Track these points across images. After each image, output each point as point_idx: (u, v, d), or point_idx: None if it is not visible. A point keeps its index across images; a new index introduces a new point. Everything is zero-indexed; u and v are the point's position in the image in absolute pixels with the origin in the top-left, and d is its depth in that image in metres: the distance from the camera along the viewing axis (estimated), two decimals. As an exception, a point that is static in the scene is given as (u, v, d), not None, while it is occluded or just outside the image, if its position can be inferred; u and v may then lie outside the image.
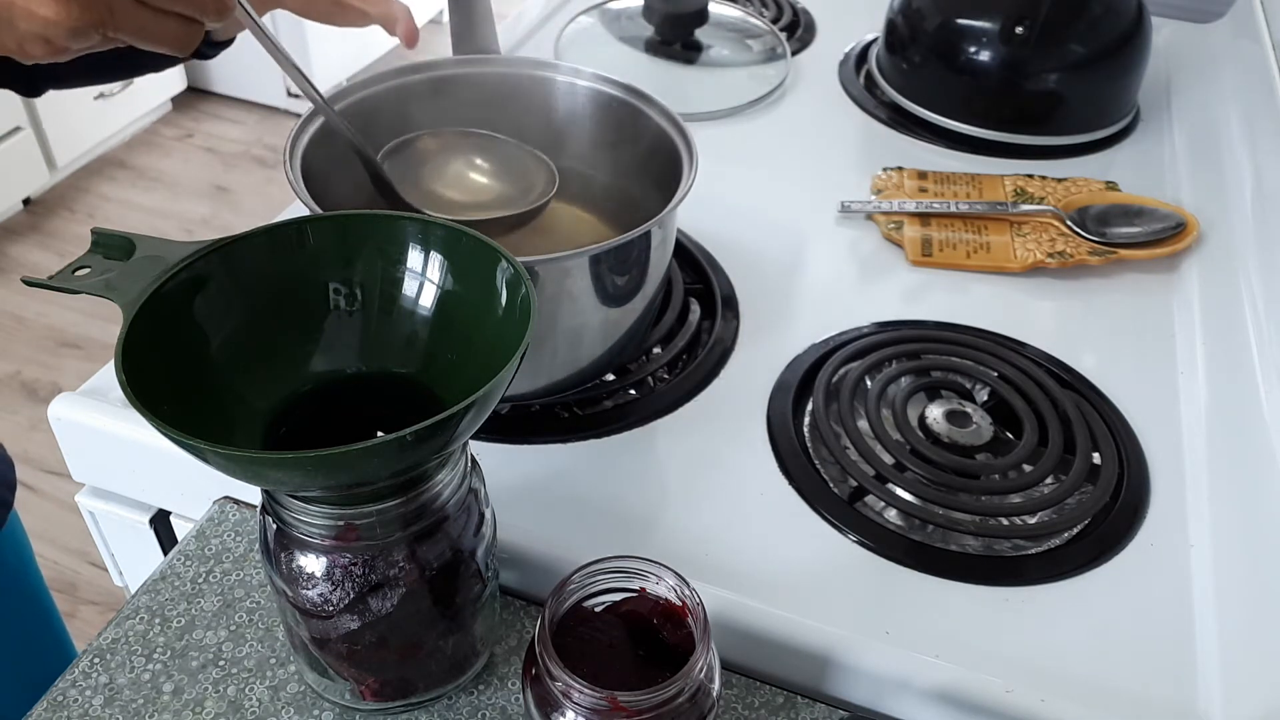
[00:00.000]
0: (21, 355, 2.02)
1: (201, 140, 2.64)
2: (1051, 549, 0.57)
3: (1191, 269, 0.77)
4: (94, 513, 0.68)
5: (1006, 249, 0.78)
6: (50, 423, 0.63)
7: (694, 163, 0.61)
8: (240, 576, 0.55)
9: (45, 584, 0.80)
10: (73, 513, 0.71)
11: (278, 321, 0.45)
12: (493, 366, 0.38)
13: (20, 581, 0.76)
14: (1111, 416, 0.65)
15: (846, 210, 0.81)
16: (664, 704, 0.39)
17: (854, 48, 1.05)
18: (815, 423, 0.62)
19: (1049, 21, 0.87)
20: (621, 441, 0.61)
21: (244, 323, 0.44)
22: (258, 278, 0.44)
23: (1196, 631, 0.53)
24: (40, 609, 0.79)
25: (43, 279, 0.42)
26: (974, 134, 0.90)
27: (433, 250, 0.45)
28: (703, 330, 0.69)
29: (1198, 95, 0.98)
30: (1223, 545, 0.56)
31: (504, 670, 0.51)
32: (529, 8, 1.07)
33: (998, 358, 0.67)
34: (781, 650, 0.51)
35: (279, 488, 0.41)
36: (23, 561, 0.76)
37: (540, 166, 0.66)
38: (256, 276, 0.44)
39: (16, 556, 0.75)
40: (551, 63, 0.69)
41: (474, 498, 0.45)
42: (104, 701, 0.49)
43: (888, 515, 0.58)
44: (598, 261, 0.57)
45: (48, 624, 0.80)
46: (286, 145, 0.60)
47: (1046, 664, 0.51)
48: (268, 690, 0.50)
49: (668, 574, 0.42)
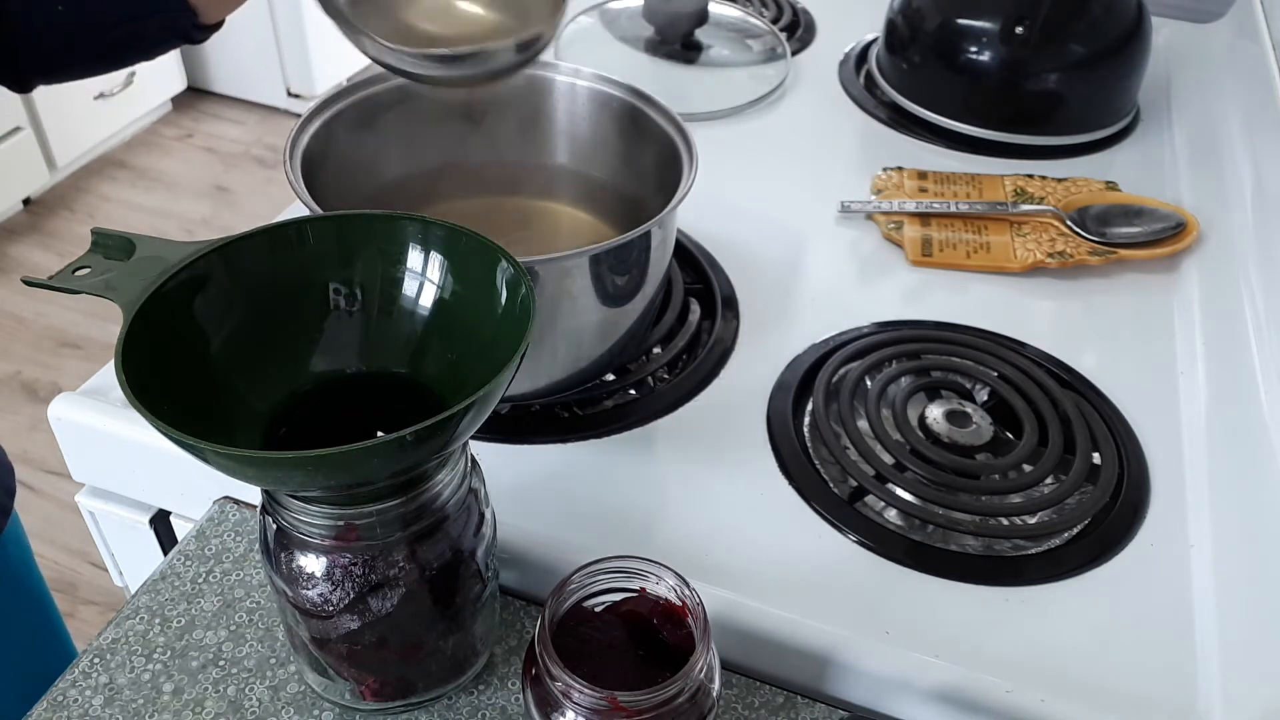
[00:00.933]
0: (21, 355, 2.02)
1: (201, 140, 2.64)
2: (1051, 549, 0.57)
3: (1191, 269, 0.77)
4: (94, 513, 0.68)
5: (1006, 249, 0.78)
6: (50, 423, 0.63)
7: (694, 163, 0.61)
8: (240, 576, 0.55)
9: (46, 586, 0.80)
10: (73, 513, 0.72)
11: (278, 321, 0.45)
12: (493, 366, 0.38)
13: (22, 584, 0.76)
14: (1111, 416, 0.65)
15: (846, 210, 0.81)
16: (664, 704, 0.39)
17: (854, 48, 1.05)
18: (815, 423, 0.62)
19: (1049, 21, 0.87)
20: (621, 441, 0.61)
21: (244, 323, 0.44)
22: (258, 278, 0.44)
23: (1196, 631, 0.53)
24: (42, 611, 0.79)
25: (43, 279, 0.42)
26: (974, 134, 0.90)
27: (432, 250, 0.45)
28: (703, 330, 0.69)
29: (1198, 95, 0.98)
30: (1223, 545, 0.56)
31: (504, 670, 0.51)
32: (529, 8, 1.07)
33: (998, 358, 0.67)
34: (781, 650, 0.51)
35: (279, 488, 0.41)
36: (25, 563, 0.76)
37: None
38: (256, 276, 0.44)
39: (19, 559, 0.75)
40: (551, 63, 0.69)
41: (474, 498, 0.45)
42: (104, 701, 0.49)
43: (888, 515, 0.58)
44: (598, 261, 0.57)
45: (49, 626, 0.80)
46: (286, 145, 0.60)
47: (1046, 664, 0.51)
48: (268, 690, 0.50)
49: (668, 574, 0.42)
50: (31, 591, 0.78)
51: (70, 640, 0.83)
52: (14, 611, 0.76)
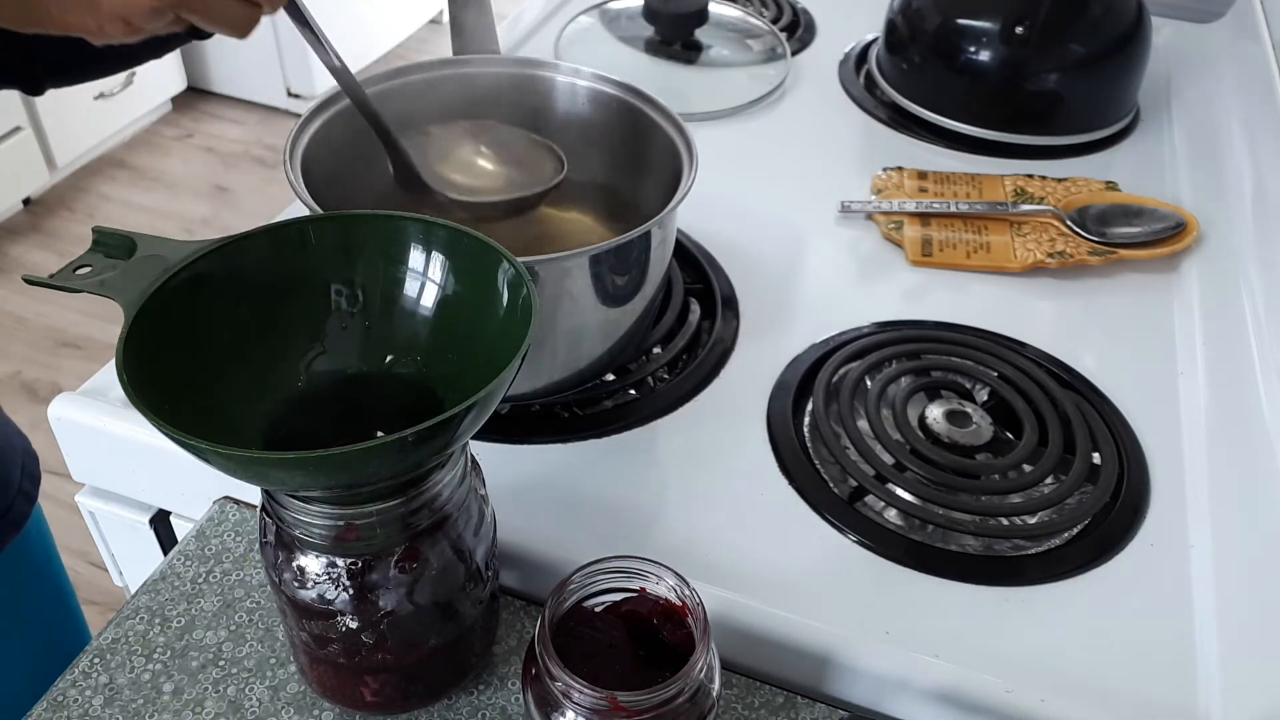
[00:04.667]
0: (21, 355, 2.02)
1: (201, 140, 2.63)
2: (1051, 549, 0.57)
3: (1191, 269, 0.77)
4: (94, 513, 0.68)
5: (1006, 249, 0.78)
6: (50, 423, 0.63)
7: (694, 163, 0.61)
8: (240, 576, 0.55)
9: (69, 580, 0.80)
10: (73, 513, 0.72)
11: (278, 321, 0.45)
12: (494, 367, 0.38)
13: (45, 578, 0.76)
14: (1111, 416, 0.65)
15: (846, 210, 0.81)
16: (664, 704, 0.39)
17: (854, 48, 1.05)
18: (815, 423, 0.62)
19: (1049, 21, 0.87)
20: (621, 441, 0.61)
21: (245, 322, 0.44)
22: (258, 278, 0.44)
23: (1196, 631, 0.53)
24: (63, 605, 0.79)
25: (44, 278, 0.42)
26: (974, 134, 0.90)
27: (434, 251, 0.45)
28: (703, 330, 0.69)
29: (1198, 95, 0.98)
30: (1223, 545, 0.56)
31: (504, 670, 0.51)
32: (529, 8, 1.07)
33: (998, 358, 0.67)
34: (781, 650, 0.51)
35: (279, 488, 0.41)
36: (48, 557, 0.77)
37: (546, 152, 0.67)
38: (257, 276, 0.44)
39: (42, 552, 0.75)
40: (551, 63, 0.70)
41: (474, 498, 0.45)
42: (104, 701, 0.49)
43: (888, 515, 0.58)
44: (598, 261, 0.57)
45: (70, 619, 0.80)
46: (286, 145, 0.60)
47: (1046, 664, 0.51)
48: (268, 690, 0.50)
49: (668, 574, 0.42)
50: (55, 587, 0.78)
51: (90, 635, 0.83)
52: (38, 606, 0.76)
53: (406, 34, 2.96)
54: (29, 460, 0.72)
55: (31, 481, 0.72)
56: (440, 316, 0.45)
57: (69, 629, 0.81)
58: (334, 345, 0.46)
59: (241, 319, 0.44)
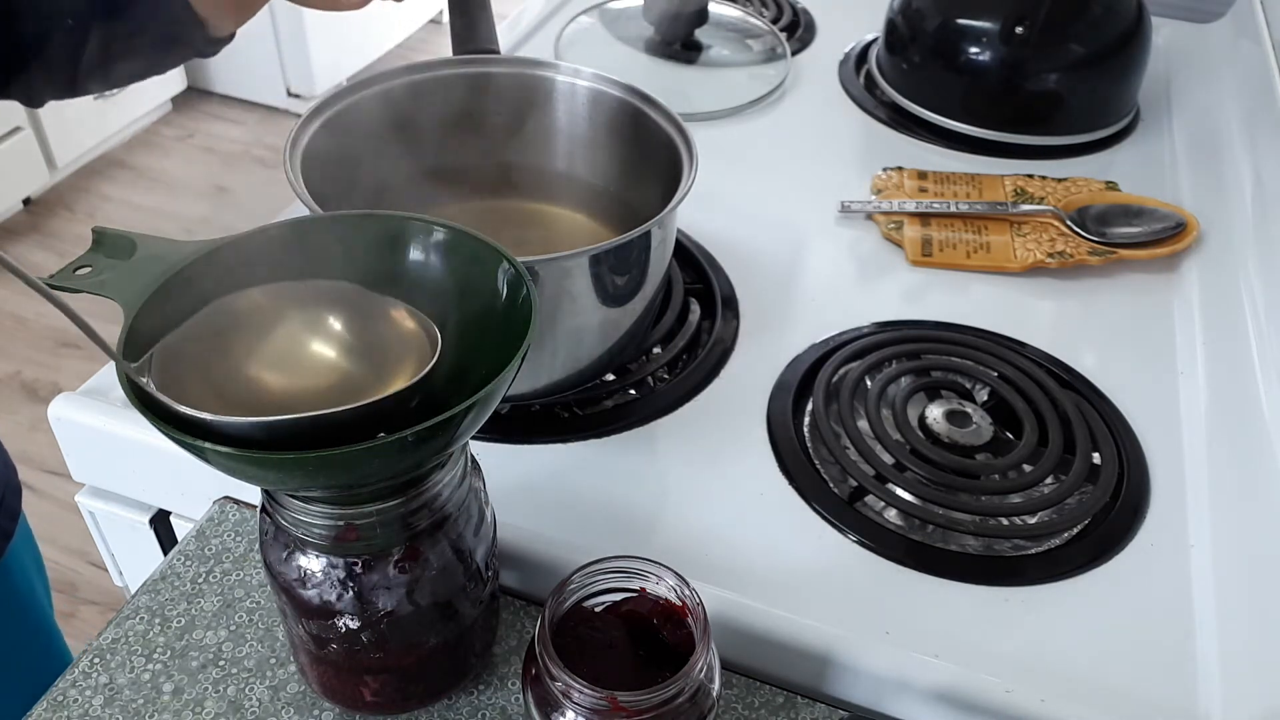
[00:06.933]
0: (21, 355, 2.02)
1: (201, 140, 2.64)
2: (1051, 549, 0.57)
3: (1191, 269, 0.77)
4: (94, 513, 0.68)
5: (1006, 249, 0.78)
6: (50, 423, 0.63)
7: (694, 163, 0.61)
8: (240, 576, 0.55)
9: (52, 609, 0.79)
10: (73, 513, 0.71)
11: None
12: (494, 367, 0.38)
13: (25, 611, 0.75)
14: (1111, 416, 0.65)
15: (846, 210, 0.81)
16: (664, 704, 0.39)
17: (854, 48, 1.05)
18: (815, 423, 0.62)
19: (1049, 21, 0.87)
20: (621, 441, 0.61)
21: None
22: (258, 278, 0.44)
23: (1196, 632, 0.53)
24: (45, 635, 0.78)
25: (43, 278, 0.41)
26: (974, 134, 0.90)
27: (434, 251, 0.45)
28: (703, 330, 0.69)
29: (1198, 95, 0.98)
30: (1223, 545, 0.56)
31: (504, 670, 0.51)
32: (529, 8, 1.07)
33: (998, 358, 0.67)
34: (781, 650, 0.51)
35: (279, 488, 0.41)
36: (30, 587, 0.75)
37: (415, 336, 0.42)
38: (257, 276, 0.44)
39: (25, 582, 0.74)
40: (551, 63, 0.69)
41: (474, 498, 0.45)
42: (104, 701, 0.49)
43: (888, 515, 0.58)
44: (598, 261, 0.57)
45: (50, 648, 0.79)
46: (286, 145, 0.60)
47: (1046, 664, 0.51)
48: (268, 690, 0.50)
49: (668, 574, 0.42)
50: (36, 619, 0.77)
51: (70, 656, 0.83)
52: (16, 636, 0.75)
53: (406, 34, 2.96)
54: (10, 493, 0.70)
55: (13, 493, 0.71)
56: (440, 316, 0.45)
57: (50, 659, 0.79)
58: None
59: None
